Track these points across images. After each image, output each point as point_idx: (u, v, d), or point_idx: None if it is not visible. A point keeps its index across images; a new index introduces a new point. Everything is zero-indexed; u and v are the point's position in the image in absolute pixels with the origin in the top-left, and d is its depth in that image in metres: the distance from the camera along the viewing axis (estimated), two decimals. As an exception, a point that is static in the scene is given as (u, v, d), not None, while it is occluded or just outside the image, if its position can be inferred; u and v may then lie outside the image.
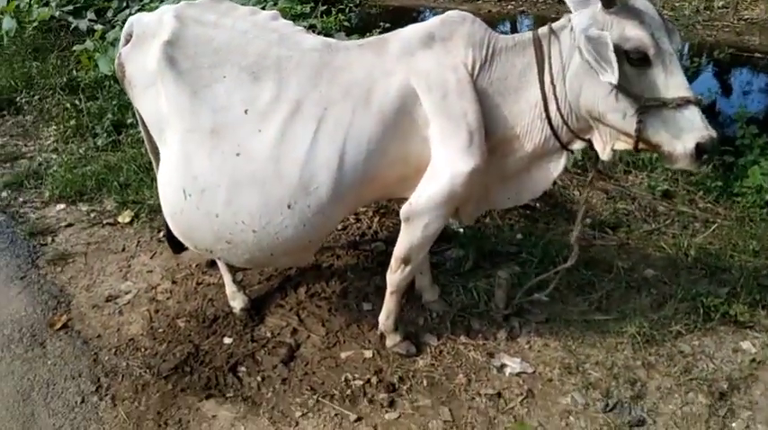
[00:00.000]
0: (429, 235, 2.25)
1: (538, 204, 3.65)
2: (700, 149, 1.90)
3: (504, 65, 2.13)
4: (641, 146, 2.01)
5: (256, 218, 2.12)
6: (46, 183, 4.11)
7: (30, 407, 2.46)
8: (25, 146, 4.79)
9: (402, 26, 2.31)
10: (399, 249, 2.34)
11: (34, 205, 3.95)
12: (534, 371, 2.55)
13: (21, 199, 4.03)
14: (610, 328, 2.73)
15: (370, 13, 9.74)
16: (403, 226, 2.29)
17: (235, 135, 2.12)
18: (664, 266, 3.12)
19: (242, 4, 5.09)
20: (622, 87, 1.91)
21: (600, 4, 1.92)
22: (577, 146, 2.20)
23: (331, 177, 2.08)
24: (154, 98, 2.27)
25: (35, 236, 3.58)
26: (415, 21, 2.29)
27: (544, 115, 2.11)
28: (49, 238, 3.57)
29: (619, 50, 1.88)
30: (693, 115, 1.90)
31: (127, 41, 2.41)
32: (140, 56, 2.30)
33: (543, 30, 2.11)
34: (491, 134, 2.15)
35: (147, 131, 2.53)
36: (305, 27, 4.82)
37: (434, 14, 9.95)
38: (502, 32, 2.25)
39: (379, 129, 2.10)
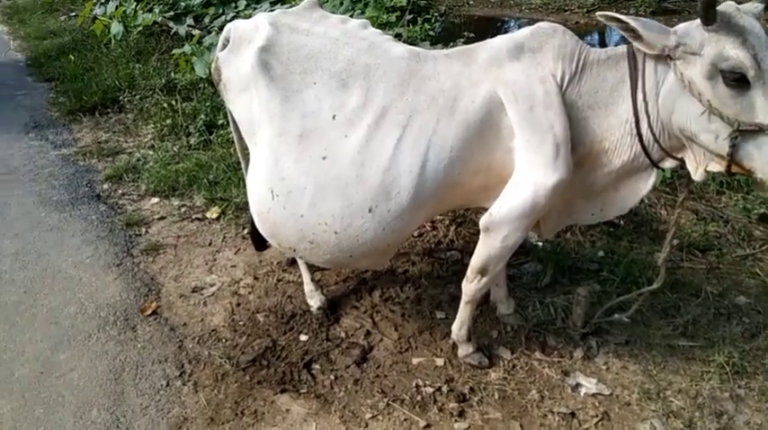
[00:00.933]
0: (507, 246, 2.24)
1: (622, 222, 3.54)
2: None
3: (596, 78, 2.09)
4: (734, 169, 1.91)
5: (338, 220, 2.18)
6: (142, 177, 4.39)
7: (120, 385, 2.62)
8: (126, 142, 5.13)
9: (485, 36, 2.31)
10: (476, 259, 2.34)
11: (131, 198, 4.22)
12: (611, 394, 2.47)
13: (120, 191, 4.32)
14: (695, 355, 2.61)
15: (453, 22, 9.77)
16: (481, 236, 2.28)
17: (322, 139, 2.18)
18: (758, 294, 2.95)
19: (336, 11, 5.25)
20: (716, 109, 1.83)
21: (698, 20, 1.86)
22: (668, 164, 2.12)
23: (412, 183, 2.11)
24: (247, 101, 2.38)
25: (131, 226, 3.83)
26: (498, 31, 2.29)
27: (635, 131, 2.05)
28: (143, 229, 3.80)
29: (715, 70, 1.81)
30: None
31: (224, 46, 2.53)
32: (236, 60, 2.41)
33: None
34: (578, 147, 2.11)
35: (238, 132, 2.65)
36: (391, 36, 4.94)
37: (519, 25, 9.84)
38: (590, 44, 2.21)
39: (463, 138, 2.11)
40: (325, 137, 2.18)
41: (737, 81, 1.79)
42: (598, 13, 1.96)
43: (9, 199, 4.19)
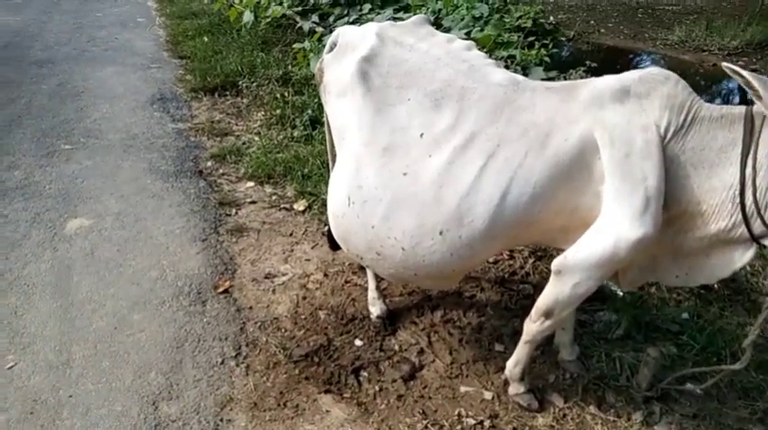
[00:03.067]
0: (577, 294, 2.13)
1: (717, 285, 3.28)
2: None
3: (704, 135, 1.94)
4: None
5: (408, 237, 2.17)
6: (243, 160, 4.61)
7: (180, 355, 2.77)
8: (236, 125, 5.41)
9: (610, 68, 2.21)
10: (543, 301, 2.25)
11: (230, 178, 4.44)
12: (664, 468, 2.30)
13: (221, 170, 4.56)
14: (770, 447, 2.37)
15: (580, 49, 9.46)
16: (552, 277, 2.19)
17: (406, 156, 2.18)
18: None
19: (449, 28, 5.25)
20: None
21: None
22: None
23: (488, 213, 2.06)
24: (343, 107, 2.41)
25: (223, 205, 4.03)
26: (628, 63, 2.18)
27: (738, 200, 1.88)
28: (234, 210, 4.00)
29: None
30: None
31: (331, 49, 2.60)
32: (339, 65, 2.46)
33: (758, 107, 1.89)
34: (673, 205, 1.97)
35: (330, 134, 2.72)
36: (504, 57, 4.86)
37: (651, 59, 9.34)
38: (726, 89, 2.06)
39: (550, 175, 2.03)
40: (409, 153, 2.18)
41: None
42: (723, 64, 1.82)
43: (124, 162, 4.55)
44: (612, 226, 1.96)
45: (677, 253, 2.11)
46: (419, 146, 2.17)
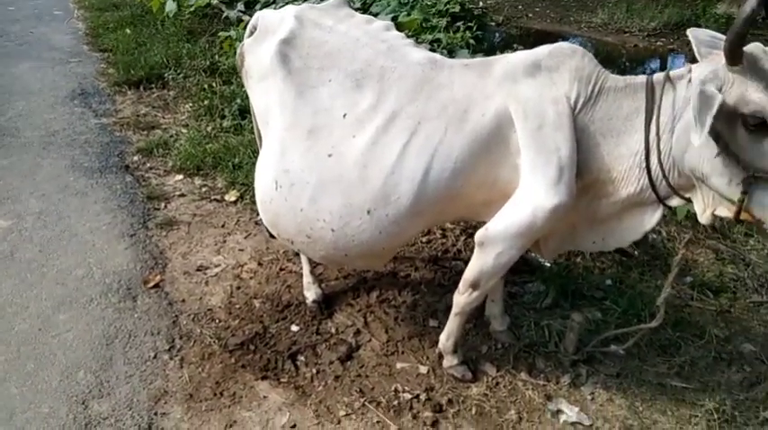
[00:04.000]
0: (501, 263, 2.20)
1: (636, 252, 3.44)
2: None
3: (611, 105, 2.03)
4: (743, 216, 1.86)
5: (336, 218, 2.18)
6: (172, 154, 4.50)
7: (110, 351, 2.70)
8: (163, 118, 5.27)
9: None
10: (469, 273, 2.31)
11: (158, 172, 4.33)
12: (591, 425, 2.41)
13: (148, 164, 4.44)
14: (686, 398, 2.52)
15: (509, 33, 9.66)
16: (476, 250, 2.25)
17: (330, 137, 2.19)
18: (765, 344, 2.83)
19: (377, 14, 5.26)
20: (732, 152, 1.78)
21: (723, 60, 1.79)
22: (675, 202, 2.06)
23: (412, 190, 2.10)
24: (265, 91, 2.40)
25: (152, 200, 3.93)
26: None
27: (644, 165, 1.99)
28: (163, 204, 3.90)
29: (735, 113, 1.75)
30: None
31: (251, 33, 2.58)
32: (259, 49, 2.44)
33: (659, 76, 1.98)
34: (585, 173, 2.06)
35: (256, 120, 2.70)
36: (430, 41, 4.91)
37: (576, 41, 9.63)
38: (651, 70, 2.15)
39: (469, 150, 2.08)
40: (333, 134, 2.19)
41: (758, 126, 1.74)
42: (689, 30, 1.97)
43: (43, 160, 4.36)
44: (529, 196, 2.03)
45: (593, 219, 2.21)
46: (342, 126, 2.18)
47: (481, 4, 10.65)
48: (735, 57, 1.73)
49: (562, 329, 2.81)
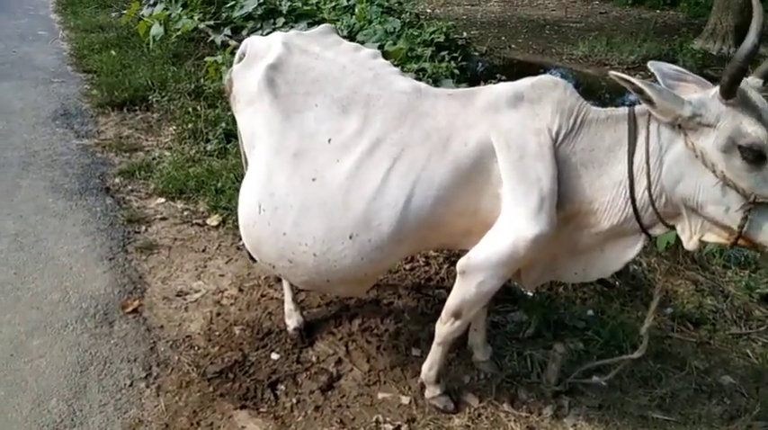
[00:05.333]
0: (483, 292, 2.20)
1: (617, 283, 3.47)
2: None
3: (593, 137, 2.07)
4: (741, 242, 1.91)
5: (318, 242, 2.17)
6: (154, 176, 4.45)
7: (84, 379, 2.63)
8: (146, 140, 5.23)
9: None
10: (451, 302, 2.30)
11: (139, 195, 4.28)
12: (573, 458, 2.40)
13: (129, 187, 4.39)
14: (668, 430, 2.52)
15: (493, 63, 9.82)
16: (458, 278, 2.25)
17: (315, 161, 2.19)
18: (745, 376, 2.85)
19: (363, 42, 5.33)
20: (729, 181, 1.84)
21: (716, 93, 1.84)
22: (659, 231, 2.09)
23: (394, 216, 2.10)
24: (251, 115, 2.40)
25: (132, 223, 3.88)
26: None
27: (628, 195, 2.02)
28: (143, 227, 3.85)
29: (732, 144, 1.81)
30: None
31: (240, 60, 2.59)
32: (247, 74, 2.45)
33: (641, 108, 2.02)
34: (567, 204, 2.08)
35: (243, 145, 2.69)
36: (415, 70, 4.97)
37: (558, 72, 9.80)
38: (630, 102, 2.19)
39: (451, 178, 2.10)
40: (318, 159, 2.20)
41: (754, 156, 1.80)
42: (611, 72, 1.91)
43: (22, 181, 4.29)
44: (511, 225, 2.04)
45: (574, 250, 2.22)
46: (327, 151, 2.19)
47: (465, 34, 10.84)
48: (732, 91, 1.79)
49: (544, 360, 2.81)
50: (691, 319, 3.23)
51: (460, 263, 2.20)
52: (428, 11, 13.22)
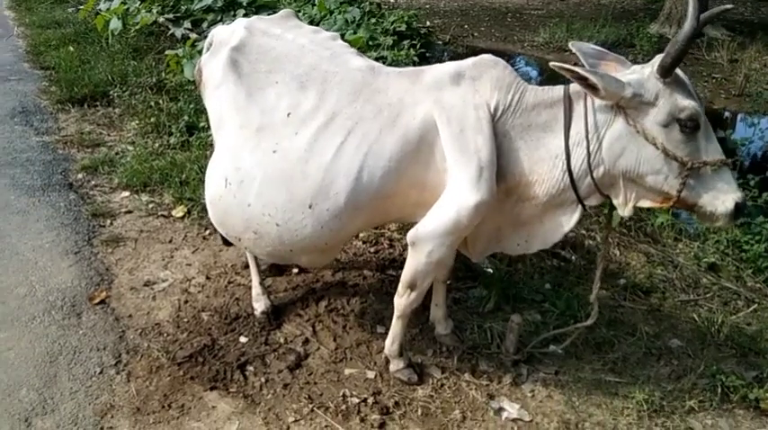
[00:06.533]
0: (433, 262, 2.31)
1: (574, 257, 3.62)
2: (738, 208, 2.04)
3: (530, 113, 2.19)
4: (678, 205, 2.11)
5: (280, 212, 2.28)
6: (117, 171, 4.45)
7: (54, 368, 2.67)
8: (108, 135, 5.21)
9: None
10: (405, 274, 2.41)
11: (103, 189, 4.28)
12: (531, 420, 2.52)
13: (93, 182, 4.39)
14: (619, 391, 2.66)
15: (456, 51, 9.94)
16: (409, 250, 2.37)
17: (275, 134, 2.31)
18: (691, 339, 3.01)
19: (327, 29, 5.39)
20: (671, 152, 2.00)
21: (652, 72, 2.00)
22: (594, 201, 2.24)
23: (349, 185, 2.21)
24: (218, 98, 2.51)
25: (97, 217, 3.89)
26: None
27: (565, 167, 2.15)
28: (108, 221, 3.87)
29: (671, 118, 1.98)
30: (729, 177, 2.05)
31: (208, 50, 2.68)
32: (213, 61, 2.57)
33: (575, 86, 2.14)
34: (508, 176, 2.21)
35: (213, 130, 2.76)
36: (374, 58, 5.05)
37: (520, 59, 9.94)
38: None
39: (400, 151, 2.21)
40: (278, 132, 2.31)
41: (692, 127, 1.97)
42: (551, 63, 2.03)
43: (-18, 179, 4.26)
44: (453, 195, 2.17)
45: (517, 222, 2.36)
46: (287, 124, 2.31)
47: (428, 23, 10.93)
48: (671, 71, 1.97)
49: (504, 331, 2.92)
50: (642, 289, 3.39)
51: (410, 234, 2.31)
52: (391, 1, 13.30)
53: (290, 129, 2.29)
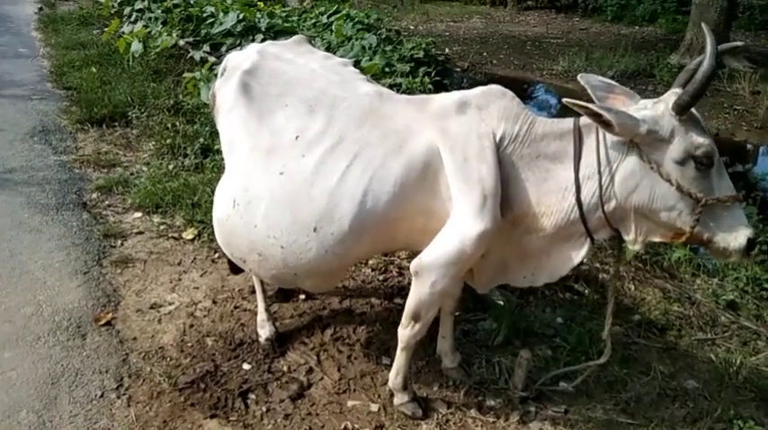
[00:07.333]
0: (436, 292, 2.26)
1: (587, 291, 3.54)
2: (750, 243, 2.00)
3: (539, 144, 2.16)
4: (691, 240, 2.07)
5: (285, 234, 2.27)
6: (131, 191, 4.48)
7: (55, 390, 2.64)
8: (124, 156, 5.26)
9: None
10: (409, 304, 2.36)
11: (116, 210, 4.31)
12: (538, 461, 2.44)
13: (107, 202, 4.42)
14: (631, 434, 2.57)
15: (474, 79, 9.96)
16: (413, 281, 2.32)
17: (283, 156, 2.32)
18: (708, 380, 2.91)
19: (346, 56, 5.43)
20: (685, 188, 1.97)
21: (667, 109, 1.97)
22: (603, 235, 2.19)
23: (353, 210, 2.19)
24: (230, 122, 2.54)
25: (108, 237, 3.90)
26: (517, 91, 2.41)
27: (574, 200, 2.10)
28: (119, 242, 3.88)
29: (687, 155, 1.96)
30: (740, 212, 2.03)
31: (222, 75, 2.70)
32: (226, 85, 2.59)
33: (585, 119, 2.10)
34: (515, 206, 2.18)
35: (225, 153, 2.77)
36: (389, 85, 5.07)
37: (539, 87, 9.92)
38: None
39: (405, 177, 2.19)
40: (286, 154, 2.32)
41: (706, 164, 1.95)
42: (564, 100, 2.01)
43: (-2, 197, 4.31)
44: (457, 224, 2.13)
45: (523, 254, 2.31)
46: (294, 147, 2.32)
47: (447, 50, 11.00)
48: (687, 109, 1.95)
49: (512, 366, 2.84)
50: (657, 326, 3.29)
51: (413, 264, 2.27)
52: (411, 27, 13.42)
53: (297, 152, 2.30)
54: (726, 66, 9.50)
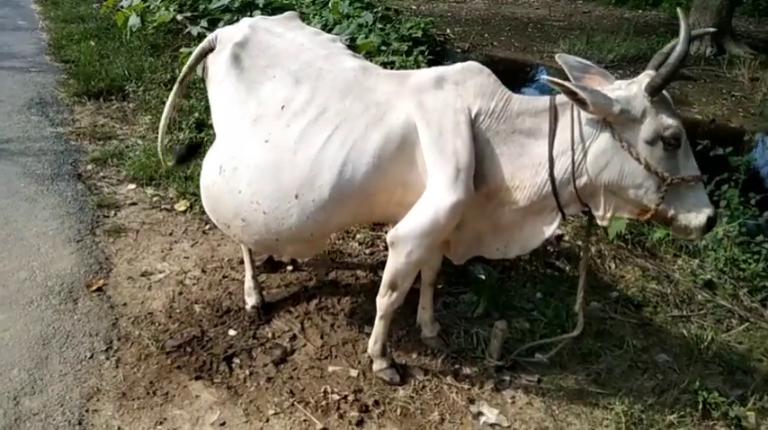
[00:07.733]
0: (412, 262, 2.35)
1: (567, 267, 3.62)
2: (710, 222, 2.08)
3: (514, 120, 2.23)
4: (655, 217, 2.15)
5: (268, 200, 2.36)
6: (126, 163, 4.55)
7: (47, 351, 2.74)
8: (120, 129, 5.32)
9: (501, 77, 2.45)
10: (386, 274, 2.45)
11: (110, 181, 4.38)
12: (509, 426, 2.54)
13: (101, 173, 4.49)
14: (600, 402, 2.66)
15: (475, 60, 9.96)
16: (390, 251, 2.41)
17: (269, 125, 2.40)
18: (678, 354, 3.00)
19: (337, 33, 5.45)
20: (653, 167, 2.05)
21: (640, 90, 2.03)
22: (573, 209, 2.28)
23: (333, 178, 2.27)
24: (222, 92, 2.61)
25: (102, 207, 3.98)
26: (517, 73, 2.48)
27: (547, 174, 2.17)
28: (113, 212, 3.96)
29: (657, 136, 2.03)
30: (702, 192, 2.11)
31: (204, 49, 2.77)
32: (218, 57, 2.66)
33: (561, 97, 2.17)
34: (489, 180, 2.25)
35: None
36: (383, 63, 5.10)
37: (541, 69, 9.91)
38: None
39: (384, 148, 2.26)
40: (271, 123, 2.40)
41: (673, 145, 2.02)
42: (544, 77, 2.08)
43: (-6, 166, 4.38)
44: (431, 196, 2.21)
45: (497, 227, 2.39)
46: (280, 117, 2.39)
47: (448, 31, 10.98)
48: (659, 91, 2.01)
49: (490, 337, 2.94)
50: (634, 302, 3.38)
51: (390, 235, 2.36)
52: (413, 7, 13.36)
53: (282, 122, 2.37)
54: (726, 51, 9.50)
